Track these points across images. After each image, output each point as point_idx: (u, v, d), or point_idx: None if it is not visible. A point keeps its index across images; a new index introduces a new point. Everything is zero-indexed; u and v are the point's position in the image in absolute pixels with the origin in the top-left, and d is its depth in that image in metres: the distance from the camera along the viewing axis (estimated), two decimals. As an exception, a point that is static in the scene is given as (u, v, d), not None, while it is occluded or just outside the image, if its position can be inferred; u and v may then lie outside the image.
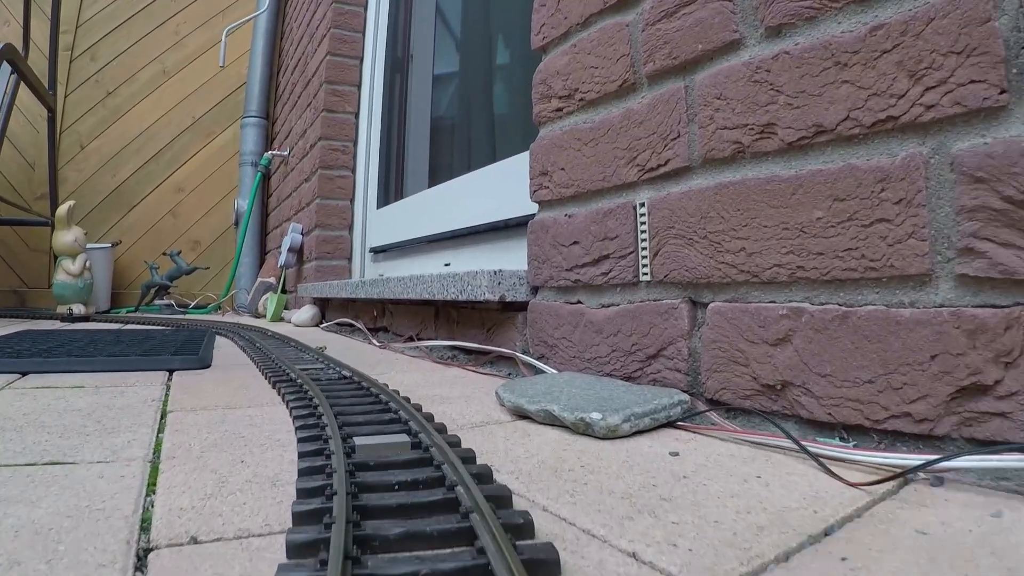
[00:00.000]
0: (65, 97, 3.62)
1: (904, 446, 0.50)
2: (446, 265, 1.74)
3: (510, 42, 1.58)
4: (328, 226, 2.34)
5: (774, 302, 0.60)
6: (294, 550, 0.31)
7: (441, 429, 0.54)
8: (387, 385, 0.73)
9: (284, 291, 2.82)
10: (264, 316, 2.70)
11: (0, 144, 2.73)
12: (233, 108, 3.85)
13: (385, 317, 1.68)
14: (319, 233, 2.33)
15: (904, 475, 0.43)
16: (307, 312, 2.17)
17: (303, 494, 0.37)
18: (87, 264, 2.94)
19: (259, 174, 3.30)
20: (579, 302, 0.86)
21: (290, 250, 2.55)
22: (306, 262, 2.51)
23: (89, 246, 3.09)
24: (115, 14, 3.77)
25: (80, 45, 3.70)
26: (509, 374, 0.98)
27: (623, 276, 0.78)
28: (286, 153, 3.07)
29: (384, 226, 2.16)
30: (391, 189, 2.24)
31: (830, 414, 0.55)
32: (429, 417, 0.57)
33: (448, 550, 0.32)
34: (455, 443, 0.50)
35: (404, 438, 0.48)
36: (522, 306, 0.99)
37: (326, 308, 2.27)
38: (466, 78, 1.87)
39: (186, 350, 1.11)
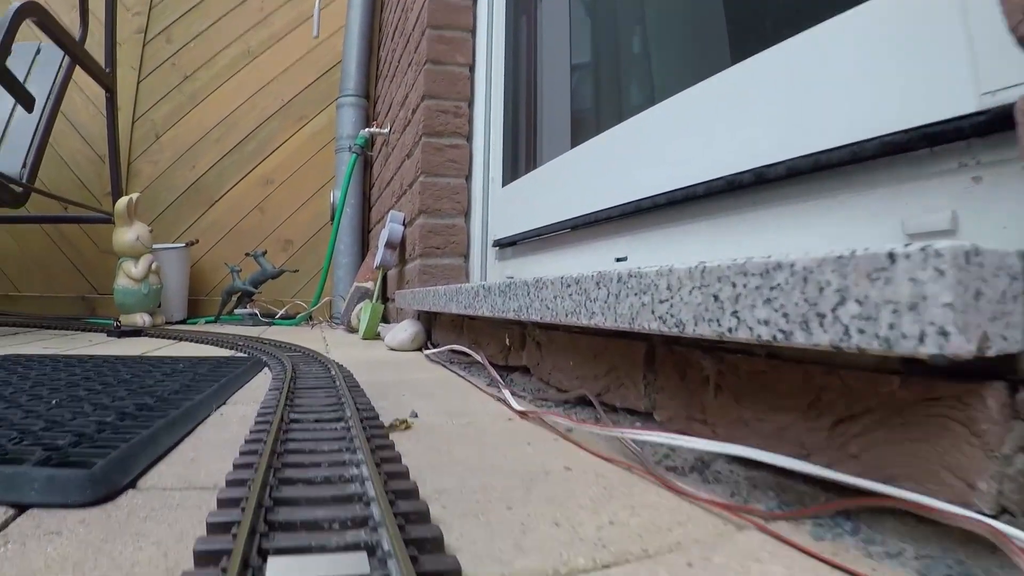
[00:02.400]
0: (138, 83, 3.24)
1: None
2: (618, 260, 1.06)
3: None
4: (436, 212, 1.72)
5: None
6: None
7: None
8: None
9: (385, 299, 2.24)
10: (357, 331, 2.13)
11: (50, 127, 2.33)
12: (328, 89, 3.34)
13: (525, 350, 1.02)
14: (424, 221, 1.71)
15: None
16: (405, 331, 1.55)
17: None
18: (152, 266, 2.48)
19: (354, 156, 2.74)
20: None
21: (388, 246, 1.95)
22: (408, 261, 1.90)
23: (158, 246, 2.65)
24: (192, -8, 3.37)
25: (154, 27, 3.30)
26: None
27: None
28: (386, 131, 2.51)
29: (513, 209, 1.50)
30: (520, 159, 1.59)
31: None
32: None
33: None
34: None
35: None
36: (993, 368, 0.30)
37: (433, 325, 1.65)
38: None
39: (87, 446, 0.49)
